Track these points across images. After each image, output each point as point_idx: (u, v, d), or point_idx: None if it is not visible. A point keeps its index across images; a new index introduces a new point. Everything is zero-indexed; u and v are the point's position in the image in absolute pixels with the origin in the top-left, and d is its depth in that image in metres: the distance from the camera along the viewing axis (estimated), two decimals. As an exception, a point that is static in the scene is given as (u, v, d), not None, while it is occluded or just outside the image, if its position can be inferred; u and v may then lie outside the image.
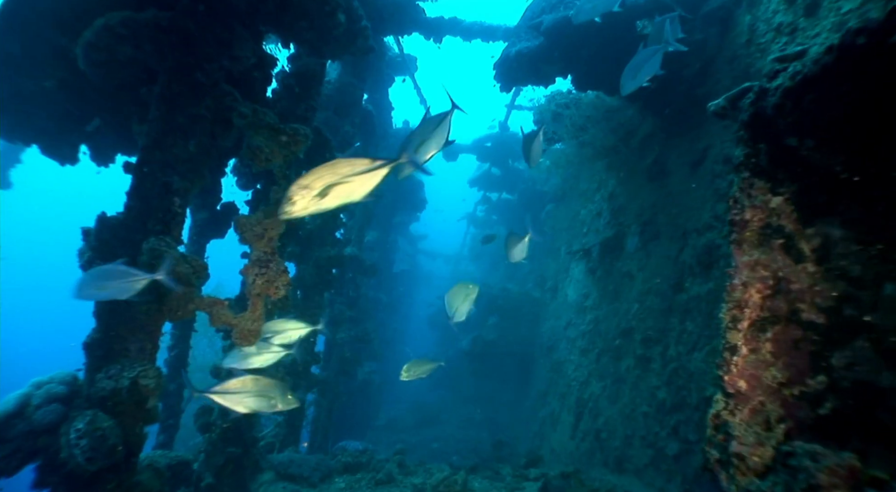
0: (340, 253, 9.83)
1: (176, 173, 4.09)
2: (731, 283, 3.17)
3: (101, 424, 3.34)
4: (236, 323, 4.09)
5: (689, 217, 8.09)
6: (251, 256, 4.24)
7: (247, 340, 4.15)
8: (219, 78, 4.31)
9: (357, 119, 10.66)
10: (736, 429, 2.81)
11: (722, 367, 3.06)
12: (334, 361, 12.22)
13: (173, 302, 3.80)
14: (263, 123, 4.27)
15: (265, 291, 4.15)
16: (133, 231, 3.95)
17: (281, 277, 4.18)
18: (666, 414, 7.68)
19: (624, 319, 9.80)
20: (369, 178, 3.03)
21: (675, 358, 7.71)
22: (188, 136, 4.15)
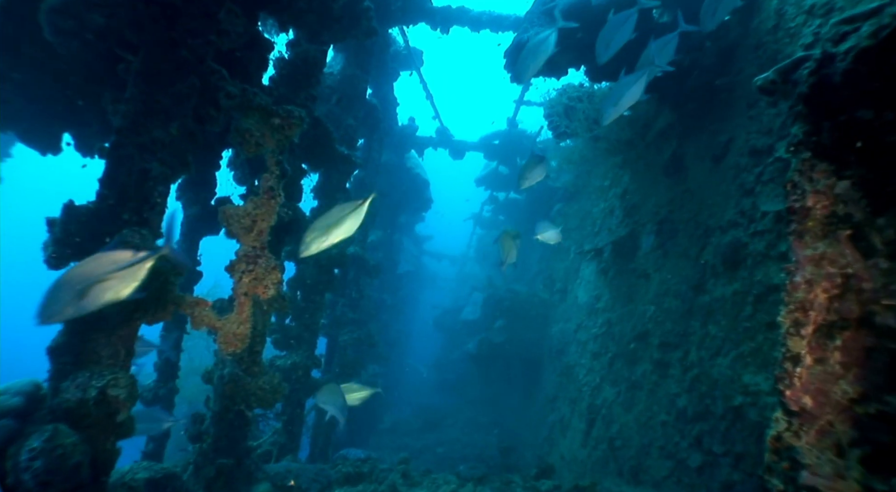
0: (342, 252, 9.40)
1: (156, 159, 3.67)
2: (792, 281, 2.71)
3: (62, 440, 2.91)
4: (220, 326, 3.67)
5: (711, 214, 7.63)
6: (238, 250, 3.81)
7: (232, 345, 3.72)
8: (205, 54, 3.89)
9: (361, 113, 10.23)
10: (805, 456, 2.35)
11: (782, 380, 2.60)
12: (336, 365, 11.79)
13: (149, 302, 3.38)
14: (254, 105, 3.85)
15: (253, 291, 3.72)
16: (106, 222, 3.54)
17: (271, 274, 3.76)
18: (687, 423, 7.22)
19: (639, 322, 9.34)
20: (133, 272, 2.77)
21: (696, 364, 7.25)
22: (170, 117, 3.73)
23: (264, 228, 3.81)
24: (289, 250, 9.62)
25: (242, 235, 3.77)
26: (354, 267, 11.96)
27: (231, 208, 3.80)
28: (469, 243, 34.30)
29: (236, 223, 3.76)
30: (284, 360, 8.99)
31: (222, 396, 6.23)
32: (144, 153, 3.64)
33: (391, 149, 16.49)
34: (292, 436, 9.14)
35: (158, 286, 3.31)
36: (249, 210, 3.80)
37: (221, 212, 3.81)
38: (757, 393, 5.77)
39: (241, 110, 3.85)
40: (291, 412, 9.14)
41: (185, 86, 3.79)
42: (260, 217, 3.80)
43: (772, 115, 6.51)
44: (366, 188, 12.39)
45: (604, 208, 12.67)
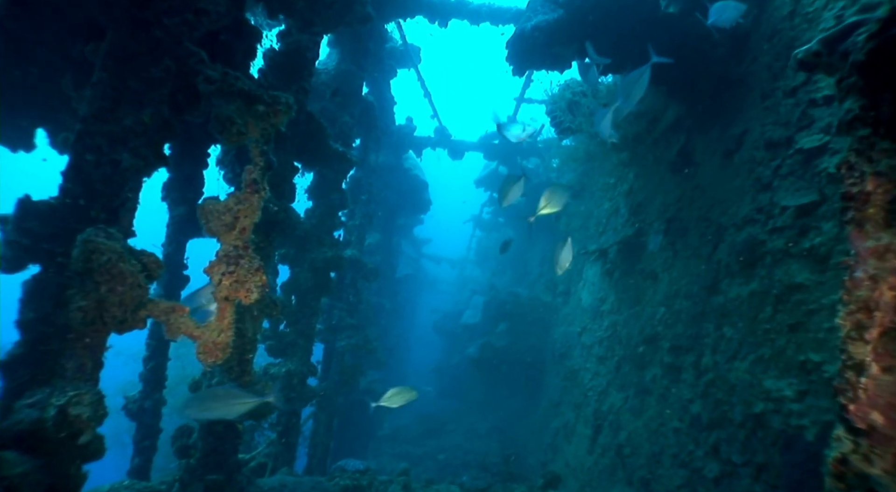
0: (339, 255, 9.04)
1: (126, 149, 3.31)
2: (852, 277, 2.33)
3: (10, 471, 2.52)
4: (199, 334, 3.30)
5: (725, 211, 7.27)
6: (219, 250, 3.45)
7: (212, 356, 3.35)
8: (182, 35, 3.53)
9: (356, 110, 9.88)
10: (883, 486, 1.97)
11: (844, 392, 2.22)
12: (334, 372, 11.42)
13: (115, 308, 3.00)
14: (235, 90, 3.49)
15: (235, 295, 3.35)
16: (69, 220, 3.17)
17: (253, 276, 3.38)
18: (702, 431, 6.85)
19: (648, 325, 8.97)
20: None
21: (711, 368, 6.89)
22: (142, 104, 3.37)
23: (247, 226, 3.44)
24: (283, 253, 9.27)
25: (223, 233, 3.40)
26: (352, 271, 11.58)
27: (210, 204, 3.43)
28: (469, 246, 33.91)
29: (216, 220, 3.38)
30: (279, 368, 8.61)
31: (212, 406, 5.85)
32: (114, 143, 3.27)
33: (389, 149, 16.13)
34: (288, 447, 8.76)
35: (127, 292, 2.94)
36: (231, 205, 3.43)
37: (199, 208, 3.44)
38: (780, 400, 5.41)
39: (221, 96, 3.48)
40: (287, 422, 8.76)
41: (160, 69, 3.43)
42: (242, 213, 3.42)
43: (789, 105, 6.16)
44: (362, 189, 12.04)
45: (608, 208, 12.32)
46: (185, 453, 6.06)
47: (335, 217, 9.31)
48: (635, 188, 10.86)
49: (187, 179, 6.68)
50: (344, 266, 9.08)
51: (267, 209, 5.90)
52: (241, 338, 6.05)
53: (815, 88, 5.70)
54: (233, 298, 3.38)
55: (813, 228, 5.47)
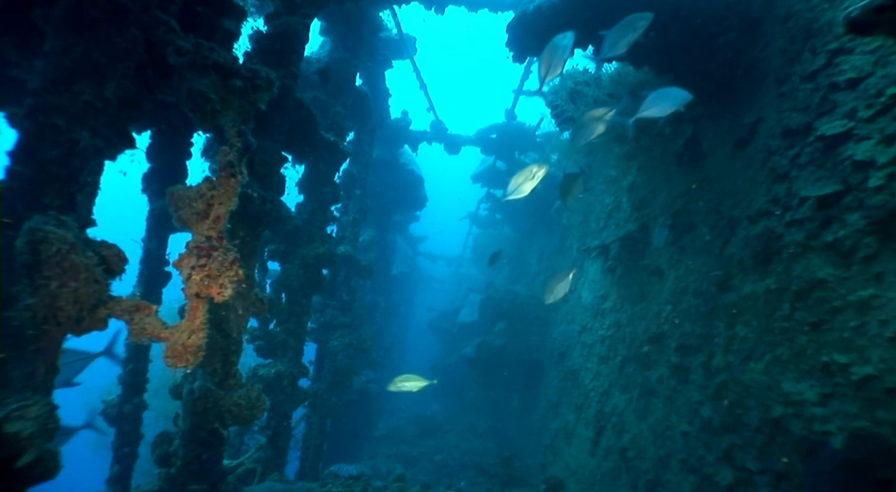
0: (331, 251, 8.66)
1: (85, 128, 2.93)
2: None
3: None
4: (167, 336, 2.92)
5: (736, 204, 6.92)
6: (189, 242, 3.07)
7: (182, 360, 2.97)
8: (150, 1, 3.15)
9: (350, 100, 9.49)
10: None
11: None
12: (327, 373, 11.04)
13: (70, 306, 2.62)
14: (209, 63, 3.11)
15: (206, 291, 2.97)
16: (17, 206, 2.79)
17: (227, 270, 3.00)
18: (713, 435, 6.49)
19: (653, 323, 8.62)
20: None
21: (723, 369, 6.53)
22: (104, 77, 2.99)
23: (222, 214, 3.05)
24: (273, 249, 8.89)
25: (195, 222, 3.01)
26: (345, 267, 11.21)
27: (181, 190, 3.04)
28: (465, 243, 33.53)
29: (187, 208, 2.99)
30: (268, 369, 8.23)
31: (193, 413, 5.48)
32: (71, 121, 2.88)
33: (384, 143, 15.74)
34: (278, 451, 8.38)
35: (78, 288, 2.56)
36: (203, 191, 3.04)
37: (169, 194, 3.05)
38: (801, 403, 5.05)
39: (194, 69, 3.10)
40: (277, 425, 8.38)
41: (125, 39, 3.05)
42: (217, 200, 3.03)
43: (808, 90, 5.81)
44: (356, 184, 11.65)
45: (609, 203, 11.97)
46: (165, 462, 5.69)
47: (327, 212, 8.93)
48: (638, 182, 10.50)
49: (168, 170, 6.30)
50: (337, 263, 8.70)
51: (252, 200, 5.52)
52: (225, 338, 5.68)
53: (838, 71, 5.35)
54: (205, 295, 3.01)
55: (836, 220, 5.11)
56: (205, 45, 3.16)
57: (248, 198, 5.57)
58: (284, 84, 6.14)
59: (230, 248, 3.10)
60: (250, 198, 5.56)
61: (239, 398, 5.61)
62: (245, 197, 5.58)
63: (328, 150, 7.28)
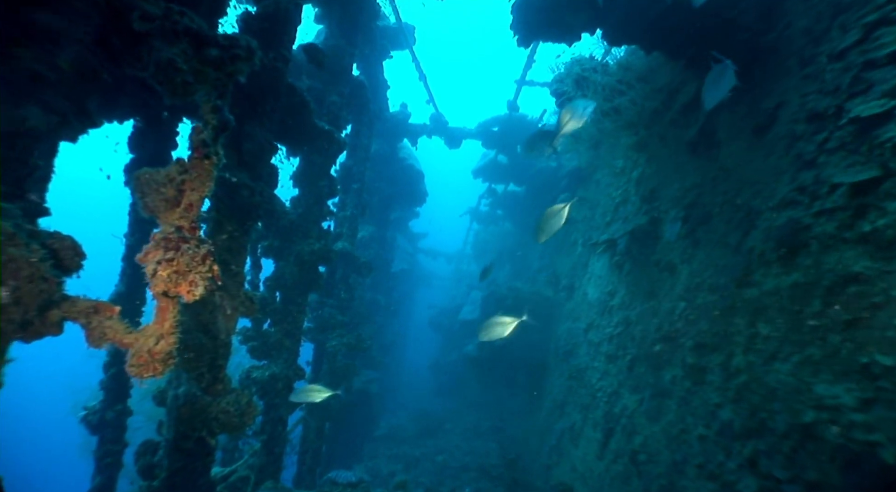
0: (327, 247, 8.25)
1: (36, 102, 2.53)
2: None
3: None
4: (131, 342, 2.51)
5: (757, 193, 6.51)
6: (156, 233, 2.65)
7: (149, 369, 2.56)
8: (112, -39, 2.75)
9: (346, 90, 9.07)
10: None
11: None
12: (325, 374, 10.64)
13: (11, 308, 2.22)
14: (180, 29, 2.70)
15: (174, 289, 2.57)
16: (-45, 192, 2.41)
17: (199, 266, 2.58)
18: (734, 440, 6.09)
19: (666, 321, 8.22)
20: None
21: (744, 369, 6.13)
22: (58, 44, 2.59)
23: (195, 202, 2.64)
24: (266, 245, 8.48)
25: (164, 210, 2.60)
26: (343, 265, 10.79)
27: (147, 173, 2.63)
28: (465, 240, 33.11)
29: (154, 194, 2.57)
30: (262, 371, 7.84)
31: (178, 420, 5.08)
32: (17, 95, 2.49)
33: (382, 137, 15.31)
34: (273, 456, 7.99)
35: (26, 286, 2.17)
36: (173, 175, 2.62)
37: (135, 179, 2.65)
38: (837, 408, 4.65)
39: (163, 37, 2.70)
40: (272, 430, 7.99)
41: (84, 2, 2.65)
42: (189, 185, 2.62)
43: (837, 70, 5.40)
44: (353, 178, 11.24)
45: (617, 196, 11.57)
46: (149, 473, 5.29)
47: (324, 206, 8.53)
48: (648, 174, 10.10)
49: (152, 160, 5.88)
50: (333, 259, 8.30)
51: (239, 191, 5.12)
52: (212, 340, 5.29)
53: (875, 47, 4.93)
54: (174, 294, 2.60)
55: (873, 209, 4.70)
56: (175, 9, 2.76)
57: (236, 189, 5.17)
58: (275, 68, 5.74)
59: (204, 240, 2.69)
60: (237, 189, 5.16)
61: (227, 404, 5.21)
62: (232, 188, 5.18)
63: (323, 139, 6.87)
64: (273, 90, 5.72)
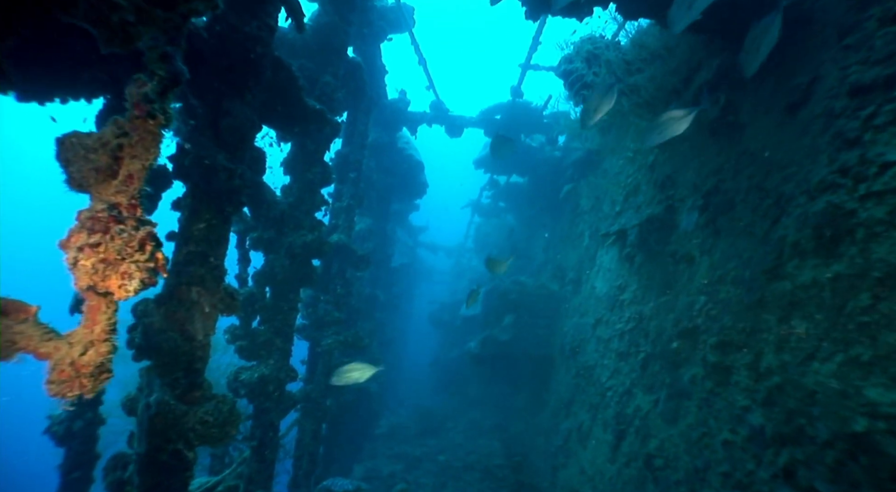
0: (321, 239, 7.69)
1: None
2: None
3: None
4: (48, 352, 1.95)
5: (789, 177, 5.94)
6: (81, 211, 2.08)
7: (73, 385, 1.99)
8: None
9: (341, 70, 8.49)
10: None
11: None
12: (320, 373, 10.09)
13: None
14: (118, -43, 2.16)
15: (102, 283, 2.01)
16: None
17: (135, 253, 2.03)
18: (766, 447, 5.54)
19: (684, 316, 7.67)
20: None
21: (777, 369, 5.57)
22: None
23: (136, 172, 2.06)
24: (255, 237, 7.92)
25: (95, 183, 2.04)
26: (339, 258, 10.23)
27: (73, 136, 2.07)
28: (467, 233, 32.52)
29: (83, 161, 2.00)
30: (251, 373, 7.29)
31: (150, 432, 4.53)
32: None
33: (381, 126, 14.72)
34: (264, 464, 7.45)
35: None
36: (108, 139, 2.05)
37: (57, 143, 2.09)
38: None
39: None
40: (262, 436, 7.44)
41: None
42: (128, 151, 2.05)
43: (890, 36, 4.82)
44: (350, 167, 10.66)
45: (626, 184, 11.00)
46: (119, 490, 4.75)
47: (317, 195, 7.96)
48: (661, 160, 9.52)
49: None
50: (328, 252, 7.74)
51: (216, 174, 4.55)
52: (188, 342, 4.73)
53: (937, 5, 4.36)
54: (102, 290, 2.05)
55: (934, 190, 4.14)
56: (113, -66, 2.21)
57: (212, 171, 4.60)
58: (259, 38, 5.16)
59: (146, 221, 2.13)
60: (214, 171, 4.59)
61: (206, 414, 4.66)
62: (209, 170, 4.62)
63: (314, 120, 6.30)
64: (256, 63, 5.15)
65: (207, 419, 4.56)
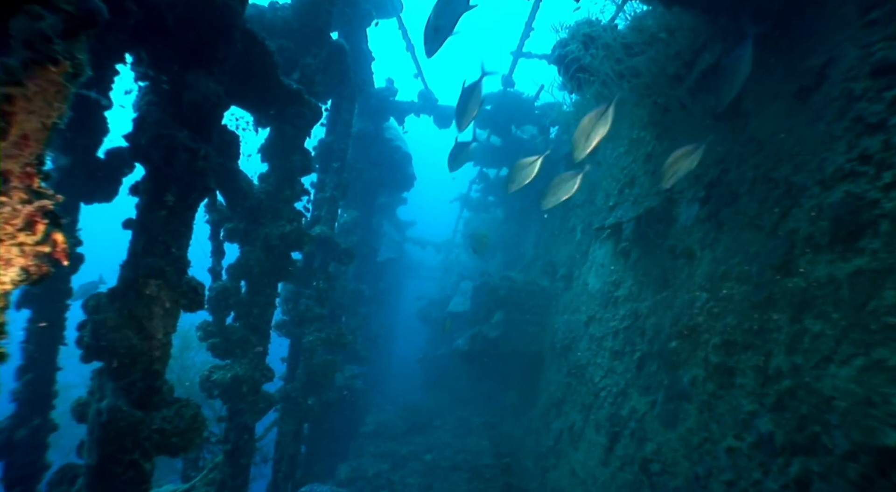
0: (300, 230, 7.22)
1: None
2: None
3: None
4: None
5: (800, 166, 5.54)
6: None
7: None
8: None
9: (323, 52, 8.00)
10: None
11: None
12: (301, 372, 9.62)
13: None
14: None
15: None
16: None
17: (20, 234, 1.57)
18: (776, 456, 5.15)
19: (684, 314, 7.27)
20: None
21: (787, 373, 5.17)
22: None
23: (33, 133, 1.62)
24: (230, 228, 7.44)
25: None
26: (321, 251, 9.75)
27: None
28: (455, 228, 32.07)
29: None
30: (224, 372, 6.81)
31: (102, 441, 4.05)
32: None
33: (367, 116, 14.23)
34: (239, 469, 6.99)
35: None
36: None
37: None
38: (928, 428, 3.70)
39: None
40: (237, 439, 6.97)
41: None
42: (21, 105, 1.62)
43: (917, 9, 4.42)
44: (334, 156, 10.18)
45: (621, 177, 10.58)
46: (66, 506, 4.28)
47: (296, 184, 7.48)
48: (659, 151, 9.12)
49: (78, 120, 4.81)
50: (307, 244, 7.26)
51: (176, 153, 4.07)
52: (146, 341, 4.25)
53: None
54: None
55: (973, 177, 3.75)
56: None
57: (172, 151, 4.12)
58: (228, 5, 4.67)
59: (44, 193, 1.67)
60: (174, 150, 4.11)
61: (164, 421, 4.20)
62: (168, 150, 4.13)
63: (292, 101, 5.82)
64: (225, 34, 4.67)
65: (165, 427, 4.10)
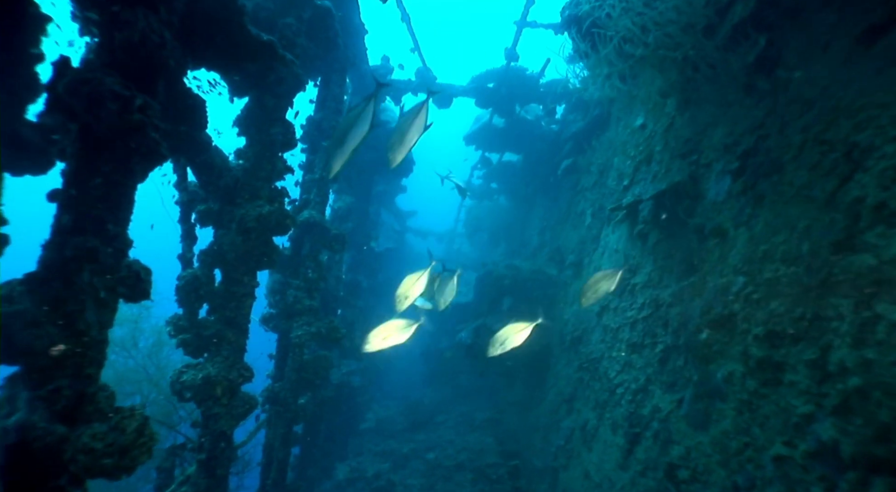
0: (281, 211, 6.38)
1: None
2: None
3: None
4: None
5: (862, 124, 4.69)
6: None
7: None
8: None
9: (306, 13, 7.14)
10: None
11: None
12: (290, 370, 8.80)
13: None
14: None
15: None
16: None
17: None
18: (842, 470, 4.32)
19: (717, 302, 6.43)
20: None
21: (854, 369, 4.33)
22: None
23: None
24: (203, 210, 6.61)
25: None
26: (310, 238, 8.89)
27: None
28: (457, 217, 31.21)
29: None
30: (195, 373, 5.99)
31: (9, 468, 3.22)
32: None
33: (361, 95, 13.35)
34: (215, 480, 6.17)
35: None
36: None
37: None
38: None
39: None
40: (212, 447, 6.15)
41: None
42: None
43: None
44: (324, 134, 9.32)
45: (637, 154, 9.72)
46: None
47: (277, 160, 6.63)
48: (679, 123, 8.26)
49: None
50: (288, 226, 6.42)
51: (103, 105, 3.22)
52: (75, 338, 3.40)
53: None
54: None
55: None
56: None
57: (97, 101, 3.26)
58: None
59: None
60: (100, 100, 3.25)
61: (94, 438, 3.35)
62: (92, 99, 3.28)
63: (263, 56, 4.96)
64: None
65: (93, 446, 3.26)
